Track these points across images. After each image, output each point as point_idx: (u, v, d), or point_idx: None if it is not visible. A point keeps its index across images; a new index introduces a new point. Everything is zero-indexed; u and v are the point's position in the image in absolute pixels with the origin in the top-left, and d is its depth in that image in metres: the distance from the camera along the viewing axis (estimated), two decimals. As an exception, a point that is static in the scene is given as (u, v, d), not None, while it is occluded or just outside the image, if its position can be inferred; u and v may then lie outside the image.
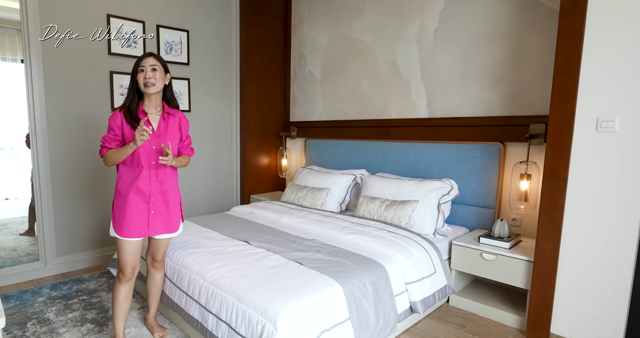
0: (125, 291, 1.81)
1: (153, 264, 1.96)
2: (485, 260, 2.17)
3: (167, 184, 1.81)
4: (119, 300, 1.81)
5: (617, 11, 1.69)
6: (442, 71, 2.72)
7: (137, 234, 1.76)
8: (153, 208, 1.78)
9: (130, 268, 1.78)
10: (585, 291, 1.85)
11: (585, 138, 1.81)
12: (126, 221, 1.73)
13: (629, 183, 1.71)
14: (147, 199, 1.76)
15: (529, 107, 2.33)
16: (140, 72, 1.72)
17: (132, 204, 1.74)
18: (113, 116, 1.74)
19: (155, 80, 1.72)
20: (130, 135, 1.72)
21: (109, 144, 1.74)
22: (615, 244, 1.76)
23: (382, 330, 1.78)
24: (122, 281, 1.80)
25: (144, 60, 1.73)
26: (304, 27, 3.72)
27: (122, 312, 1.83)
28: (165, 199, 1.81)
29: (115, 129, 1.73)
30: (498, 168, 2.41)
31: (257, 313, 1.51)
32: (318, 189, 3.07)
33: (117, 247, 1.77)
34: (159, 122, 1.79)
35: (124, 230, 1.73)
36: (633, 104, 1.68)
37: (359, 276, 1.79)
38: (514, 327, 2.11)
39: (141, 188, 1.74)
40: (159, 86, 1.74)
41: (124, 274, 1.78)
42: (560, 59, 1.83)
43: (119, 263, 1.79)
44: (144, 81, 1.70)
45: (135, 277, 1.83)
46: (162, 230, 1.82)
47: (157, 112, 1.80)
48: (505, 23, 2.40)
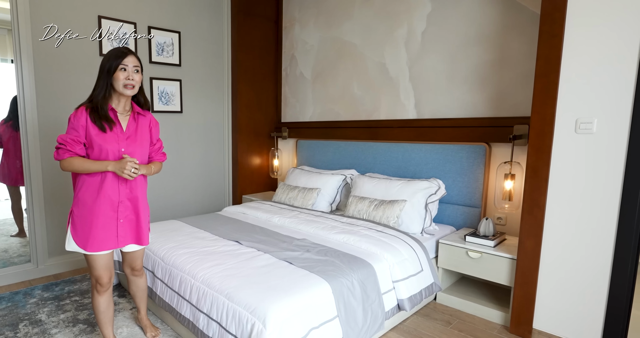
0: (105, 300, 1.74)
1: (133, 273, 1.91)
2: (471, 258, 2.22)
3: (136, 191, 1.69)
4: (101, 310, 1.74)
5: (595, 17, 1.75)
6: (429, 72, 2.77)
7: (105, 246, 1.63)
8: (122, 217, 1.65)
9: (106, 279, 1.69)
10: (566, 288, 1.91)
11: (565, 139, 1.87)
12: (92, 234, 1.59)
13: (606, 182, 1.77)
14: (116, 208, 1.63)
15: (513, 108, 2.39)
16: (122, 70, 1.57)
17: (99, 214, 1.59)
18: (77, 114, 1.56)
19: (136, 82, 1.61)
20: (96, 137, 1.56)
21: (72, 147, 1.56)
22: (593, 242, 1.82)
23: (370, 327, 1.82)
24: (101, 292, 1.71)
25: (126, 58, 1.57)
26: (294, 28, 3.75)
27: (108, 319, 1.78)
28: (135, 207, 1.69)
29: (79, 129, 1.55)
30: (484, 168, 2.47)
31: (247, 312, 1.54)
32: (309, 190, 3.11)
33: (87, 261, 1.64)
34: (128, 122, 1.66)
35: (90, 244, 1.59)
36: (610, 107, 1.74)
37: (347, 275, 1.83)
38: (499, 323, 2.17)
39: (109, 195, 1.60)
40: (137, 89, 1.64)
41: (101, 285, 1.69)
42: (540, 63, 1.89)
43: (93, 277, 1.68)
44: (126, 82, 1.57)
45: (112, 285, 1.76)
46: (131, 240, 1.72)
47: (126, 112, 1.67)
48: (490, 26, 2.45)
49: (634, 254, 1.71)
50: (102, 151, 1.58)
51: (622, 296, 1.75)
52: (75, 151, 1.57)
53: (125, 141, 1.63)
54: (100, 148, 1.58)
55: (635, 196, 1.69)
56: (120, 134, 1.63)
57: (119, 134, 1.63)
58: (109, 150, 1.59)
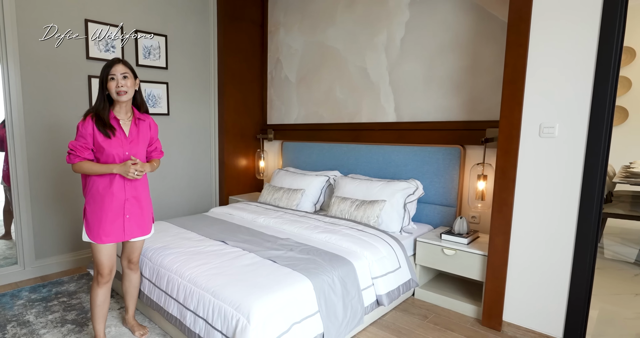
0: (103, 293, 1.86)
1: (129, 266, 2.02)
2: (446, 255, 2.34)
3: (140, 189, 1.86)
4: (98, 303, 1.86)
5: (556, 28, 1.88)
6: (408, 77, 2.89)
7: (114, 239, 1.80)
8: (128, 213, 1.83)
9: (107, 270, 1.83)
10: (532, 282, 2.04)
11: (530, 142, 2.00)
12: (102, 228, 1.77)
13: (567, 182, 1.90)
14: (122, 205, 1.81)
15: (486, 112, 2.52)
16: (111, 80, 1.72)
17: (108, 211, 1.77)
18: (84, 123, 1.72)
19: (127, 88, 1.74)
20: (103, 143, 1.73)
21: (81, 153, 1.73)
22: (556, 238, 1.95)
23: (350, 321, 1.92)
24: (101, 283, 1.84)
25: (113, 67, 1.72)
26: (280, 33, 3.83)
27: (102, 314, 1.89)
28: (140, 203, 1.87)
29: (87, 137, 1.73)
30: (459, 169, 2.60)
31: (232, 309, 1.62)
32: (293, 190, 3.20)
33: (93, 251, 1.81)
34: (130, 127, 1.83)
35: (101, 236, 1.77)
36: (570, 112, 1.87)
37: (328, 272, 1.93)
38: (472, 316, 2.30)
39: (116, 194, 1.78)
40: (131, 93, 1.78)
41: (102, 276, 1.83)
42: (508, 70, 2.01)
43: (96, 266, 1.83)
44: (117, 89, 1.72)
45: (112, 279, 1.88)
46: (136, 233, 1.88)
47: (127, 118, 1.83)
48: (464, 34, 2.58)
49: (592, 249, 1.85)
50: (109, 155, 1.76)
51: (581, 288, 1.88)
52: (84, 156, 1.75)
53: (128, 145, 1.80)
54: (107, 152, 1.76)
55: (592, 195, 1.82)
56: (123, 139, 1.80)
57: (123, 140, 1.79)
58: (115, 154, 1.76)
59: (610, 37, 1.74)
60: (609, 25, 1.74)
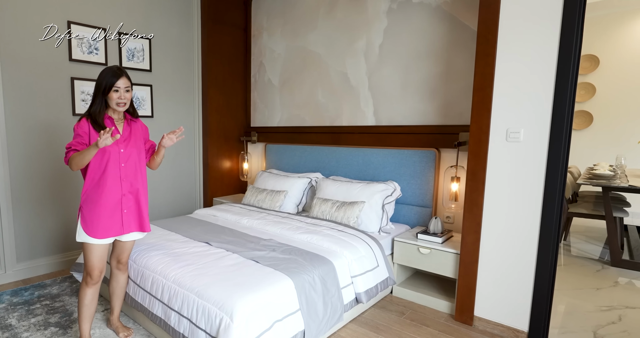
0: (91, 294, 1.90)
1: (118, 266, 2.06)
2: (422, 253, 2.46)
3: (137, 185, 1.91)
4: (86, 303, 1.90)
5: (521, 39, 2.01)
6: (386, 82, 2.99)
7: (112, 233, 1.85)
8: (125, 208, 1.88)
9: (98, 272, 1.87)
10: (500, 279, 2.17)
11: (498, 146, 2.12)
12: (101, 223, 1.81)
13: (531, 184, 2.03)
14: (120, 200, 1.85)
15: (458, 117, 2.64)
16: (115, 91, 1.81)
17: (105, 206, 1.82)
18: (80, 124, 1.81)
19: (127, 100, 1.86)
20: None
21: (76, 147, 1.79)
22: (521, 237, 2.08)
23: (330, 318, 2.00)
24: (90, 284, 1.88)
25: (118, 80, 1.80)
26: (263, 37, 3.89)
27: (89, 314, 1.93)
28: (137, 198, 1.92)
29: (83, 135, 1.80)
30: (434, 171, 2.71)
31: (216, 308, 1.68)
32: (277, 192, 3.27)
33: (85, 251, 1.85)
34: (123, 127, 1.92)
35: (99, 231, 1.81)
36: (534, 118, 2.00)
37: (309, 271, 2.01)
38: (446, 312, 2.42)
39: (112, 190, 1.83)
40: (128, 105, 1.89)
41: (91, 277, 1.87)
42: (477, 78, 2.14)
43: (87, 267, 1.87)
44: (118, 101, 1.82)
45: (101, 280, 1.93)
46: (135, 227, 1.93)
47: (120, 118, 1.93)
48: (438, 42, 2.70)
49: (554, 246, 1.98)
50: (104, 152, 1.83)
51: (545, 283, 2.02)
52: (78, 150, 1.79)
53: (122, 143, 1.88)
54: (103, 150, 1.82)
55: (554, 196, 1.96)
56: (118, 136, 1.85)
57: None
58: (110, 151, 1.84)
59: (569, 48, 1.87)
60: (568, 38, 1.87)
